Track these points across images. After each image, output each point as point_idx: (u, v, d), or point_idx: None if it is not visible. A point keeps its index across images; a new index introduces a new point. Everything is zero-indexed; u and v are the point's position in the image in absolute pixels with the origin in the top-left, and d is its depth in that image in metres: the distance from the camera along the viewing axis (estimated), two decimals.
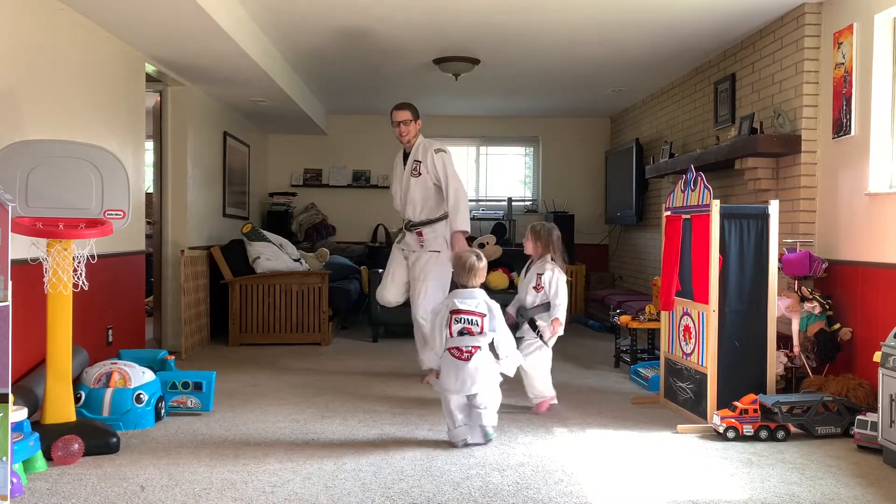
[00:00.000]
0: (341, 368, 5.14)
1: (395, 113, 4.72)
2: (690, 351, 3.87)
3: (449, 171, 4.64)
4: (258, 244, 6.33)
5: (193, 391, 3.81)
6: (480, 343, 3.31)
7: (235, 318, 6.08)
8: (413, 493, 2.71)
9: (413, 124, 4.69)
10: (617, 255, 8.41)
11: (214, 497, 2.66)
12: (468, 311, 3.35)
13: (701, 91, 6.07)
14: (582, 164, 8.82)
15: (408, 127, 4.68)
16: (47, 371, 3.16)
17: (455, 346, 3.31)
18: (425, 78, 6.57)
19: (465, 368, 3.27)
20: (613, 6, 4.60)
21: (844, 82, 4.18)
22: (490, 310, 3.38)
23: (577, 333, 6.98)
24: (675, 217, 4.01)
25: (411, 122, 4.68)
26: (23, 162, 3.14)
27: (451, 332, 3.34)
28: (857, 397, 3.69)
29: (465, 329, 3.33)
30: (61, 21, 3.94)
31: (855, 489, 2.80)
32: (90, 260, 3.22)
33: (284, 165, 8.85)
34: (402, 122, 4.68)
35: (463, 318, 3.34)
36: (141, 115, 5.08)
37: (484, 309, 3.37)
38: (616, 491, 2.76)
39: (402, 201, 4.82)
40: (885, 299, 3.84)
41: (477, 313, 3.35)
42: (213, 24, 4.19)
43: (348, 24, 5.00)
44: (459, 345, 3.30)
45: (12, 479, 2.58)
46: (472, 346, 3.30)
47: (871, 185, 4.00)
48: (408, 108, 4.71)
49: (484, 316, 3.35)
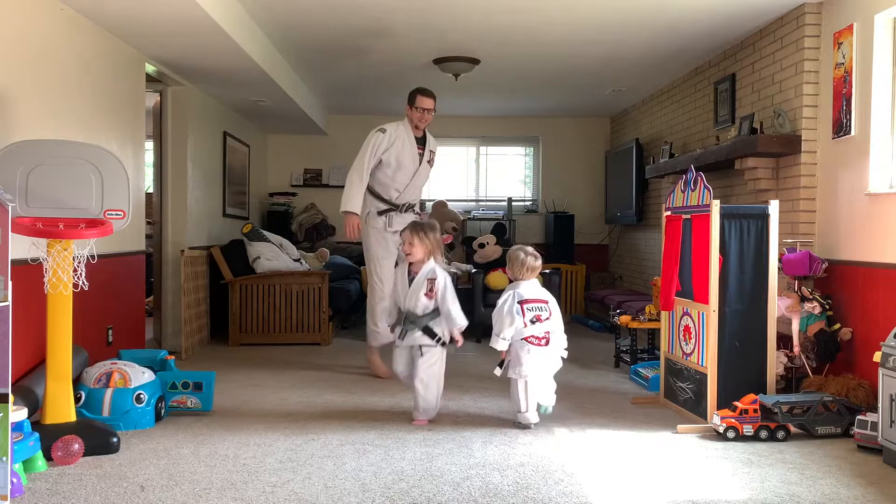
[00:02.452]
0: (341, 368, 5.14)
1: (424, 99, 4.75)
2: (690, 351, 3.87)
3: None
4: (258, 244, 6.33)
5: (193, 391, 3.81)
6: (551, 328, 3.63)
7: (235, 318, 6.08)
8: (413, 493, 2.71)
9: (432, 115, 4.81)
10: (617, 255, 8.41)
11: (214, 497, 2.66)
12: (536, 300, 3.65)
13: (701, 91, 6.07)
14: (582, 164, 8.82)
15: (430, 116, 4.79)
16: (47, 371, 3.16)
17: (532, 335, 3.59)
18: (425, 78, 6.56)
19: (545, 352, 3.60)
20: (613, 6, 4.60)
21: (844, 82, 4.18)
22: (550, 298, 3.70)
23: (577, 333, 6.98)
24: (675, 217, 4.01)
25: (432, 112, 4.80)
26: (23, 162, 3.14)
27: (525, 322, 3.59)
28: (857, 397, 3.69)
29: (536, 317, 3.61)
30: (61, 21, 3.94)
31: (855, 489, 2.80)
32: (90, 260, 3.22)
33: (284, 165, 8.85)
34: (429, 109, 4.76)
35: (533, 307, 3.62)
36: (141, 115, 5.08)
37: (547, 296, 3.69)
38: (616, 491, 2.76)
39: (405, 184, 4.81)
40: (885, 299, 3.84)
41: (543, 300, 3.67)
42: (213, 24, 4.19)
43: (348, 24, 5.00)
44: (535, 332, 3.59)
45: (12, 479, 2.58)
46: (545, 331, 3.61)
47: (871, 185, 4.00)
48: (434, 98, 4.79)
49: (547, 302, 3.67)
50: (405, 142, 4.80)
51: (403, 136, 4.80)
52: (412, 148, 4.81)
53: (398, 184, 4.81)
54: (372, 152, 4.72)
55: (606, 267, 8.64)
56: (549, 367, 3.65)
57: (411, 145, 4.82)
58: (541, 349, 3.58)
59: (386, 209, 4.82)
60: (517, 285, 3.71)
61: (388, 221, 4.80)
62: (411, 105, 4.79)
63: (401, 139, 4.79)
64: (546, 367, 3.63)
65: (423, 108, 4.74)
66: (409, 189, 4.83)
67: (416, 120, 4.77)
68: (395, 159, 4.76)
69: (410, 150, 4.80)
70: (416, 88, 4.83)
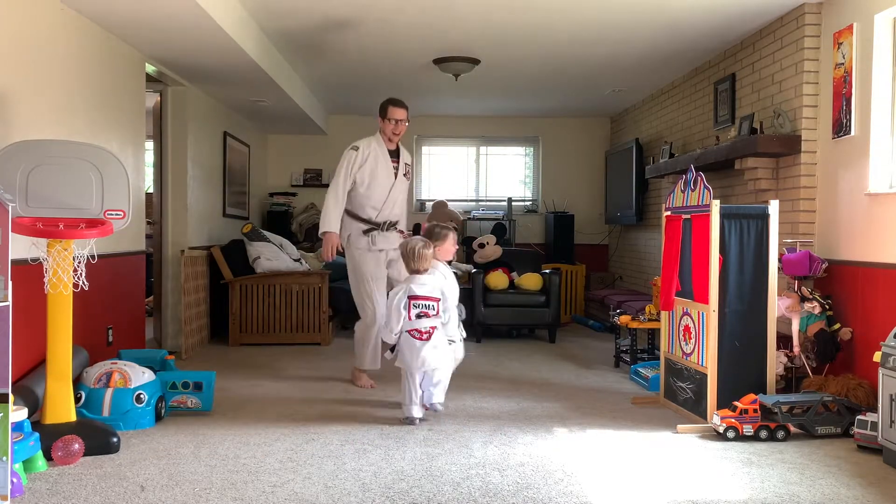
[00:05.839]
0: (341, 368, 5.14)
1: (396, 110, 4.59)
2: (690, 351, 3.87)
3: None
4: (258, 244, 6.33)
5: (193, 391, 3.81)
6: (437, 324, 3.69)
7: (235, 318, 6.08)
8: (413, 493, 2.71)
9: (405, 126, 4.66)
10: (617, 255, 8.41)
11: (214, 497, 2.66)
12: (425, 297, 3.69)
13: (701, 91, 6.07)
14: (582, 164, 8.82)
15: (404, 126, 4.64)
16: (47, 371, 3.16)
17: (415, 328, 3.66)
18: (425, 78, 6.57)
19: (425, 347, 3.64)
20: (613, 6, 4.60)
21: (844, 82, 4.18)
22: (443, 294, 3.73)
23: (577, 333, 6.99)
24: (675, 217, 4.01)
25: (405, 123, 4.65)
26: (23, 162, 3.14)
27: (410, 316, 3.68)
28: (857, 397, 3.69)
29: (423, 313, 3.67)
30: (61, 21, 3.94)
31: (855, 489, 2.80)
32: (90, 260, 3.23)
33: (284, 165, 8.85)
34: (402, 120, 4.60)
35: (420, 304, 3.68)
36: (141, 115, 5.08)
37: (438, 294, 3.72)
38: (616, 491, 2.77)
39: (383, 200, 4.63)
40: (884, 299, 3.84)
41: (434, 299, 3.70)
42: (213, 24, 4.19)
43: (349, 25, 5.00)
44: (418, 327, 3.65)
45: (12, 479, 2.58)
46: (429, 326, 3.66)
47: (871, 185, 4.00)
48: (406, 108, 4.65)
49: (438, 300, 3.71)
50: (378, 157, 4.62)
51: (377, 150, 4.63)
52: (386, 162, 4.64)
53: (374, 201, 4.61)
54: (347, 171, 4.57)
55: (606, 267, 8.64)
56: (433, 363, 3.67)
57: (385, 160, 4.64)
58: (422, 343, 3.64)
59: (367, 229, 4.62)
60: (412, 279, 3.77)
61: (372, 240, 4.60)
62: (383, 117, 4.62)
63: (374, 155, 4.61)
64: (430, 361, 3.66)
65: (395, 119, 4.57)
66: (387, 205, 4.64)
67: (390, 132, 4.61)
68: (368, 175, 4.59)
69: (385, 165, 4.63)
70: (387, 100, 4.67)
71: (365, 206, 4.61)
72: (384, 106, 4.65)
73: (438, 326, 3.70)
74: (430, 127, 8.80)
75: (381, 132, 4.67)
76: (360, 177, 4.58)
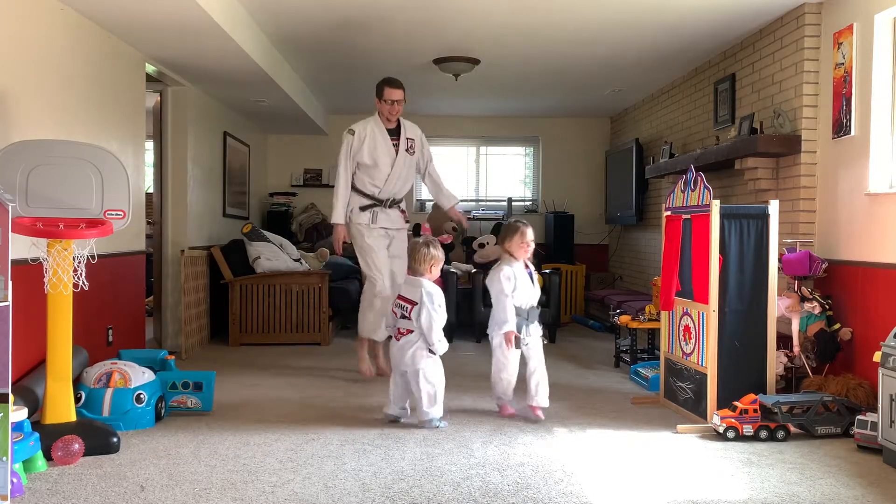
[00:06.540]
0: (341, 368, 5.14)
1: (391, 91, 4.65)
2: (690, 351, 3.87)
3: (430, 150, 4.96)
4: (258, 244, 6.33)
5: (193, 391, 3.81)
6: (413, 327, 3.66)
7: (235, 318, 6.08)
8: (413, 493, 2.71)
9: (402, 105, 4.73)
10: (617, 255, 8.41)
11: (214, 497, 2.66)
12: (407, 300, 3.70)
13: (701, 91, 6.07)
14: (582, 164, 8.82)
15: (401, 106, 4.70)
16: (47, 371, 3.16)
17: (398, 327, 3.72)
18: (425, 78, 6.57)
19: (396, 346, 3.70)
20: (613, 6, 4.60)
21: (844, 82, 4.18)
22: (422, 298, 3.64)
23: (577, 333, 6.99)
24: (675, 217, 4.01)
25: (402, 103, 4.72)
26: (23, 162, 3.14)
27: (396, 315, 3.74)
28: (857, 397, 3.69)
29: (403, 314, 3.70)
30: (61, 21, 3.94)
31: (855, 489, 2.80)
32: (90, 260, 3.23)
33: (284, 165, 8.85)
34: (398, 100, 4.66)
35: (400, 304, 3.72)
36: (141, 115, 5.08)
37: (418, 298, 3.66)
38: (616, 491, 2.77)
39: (386, 178, 4.71)
40: (884, 299, 3.84)
41: (412, 302, 3.67)
42: (213, 24, 4.19)
43: (348, 25, 5.00)
44: (399, 326, 3.71)
45: (12, 479, 2.58)
46: (405, 328, 3.68)
47: (871, 185, 4.00)
48: (402, 88, 4.71)
49: (415, 304, 3.66)
50: (376, 137, 4.70)
51: (374, 131, 4.70)
52: (385, 141, 4.71)
53: (377, 180, 4.72)
54: (346, 156, 4.70)
55: (606, 267, 8.64)
56: (401, 364, 3.66)
57: (384, 139, 4.71)
58: (397, 343, 3.70)
59: (369, 204, 4.74)
60: (407, 279, 3.85)
61: (373, 217, 4.72)
62: (379, 98, 4.69)
63: (371, 135, 4.69)
64: (399, 362, 3.68)
65: (391, 100, 4.64)
66: (389, 182, 4.73)
67: (387, 113, 4.67)
68: (368, 156, 4.69)
69: (384, 144, 4.70)
70: (383, 79, 4.73)
71: (367, 183, 4.74)
72: (380, 86, 4.71)
73: (415, 331, 3.64)
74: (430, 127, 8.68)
75: (378, 113, 4.74)
76: (361, 158, 4.71)
